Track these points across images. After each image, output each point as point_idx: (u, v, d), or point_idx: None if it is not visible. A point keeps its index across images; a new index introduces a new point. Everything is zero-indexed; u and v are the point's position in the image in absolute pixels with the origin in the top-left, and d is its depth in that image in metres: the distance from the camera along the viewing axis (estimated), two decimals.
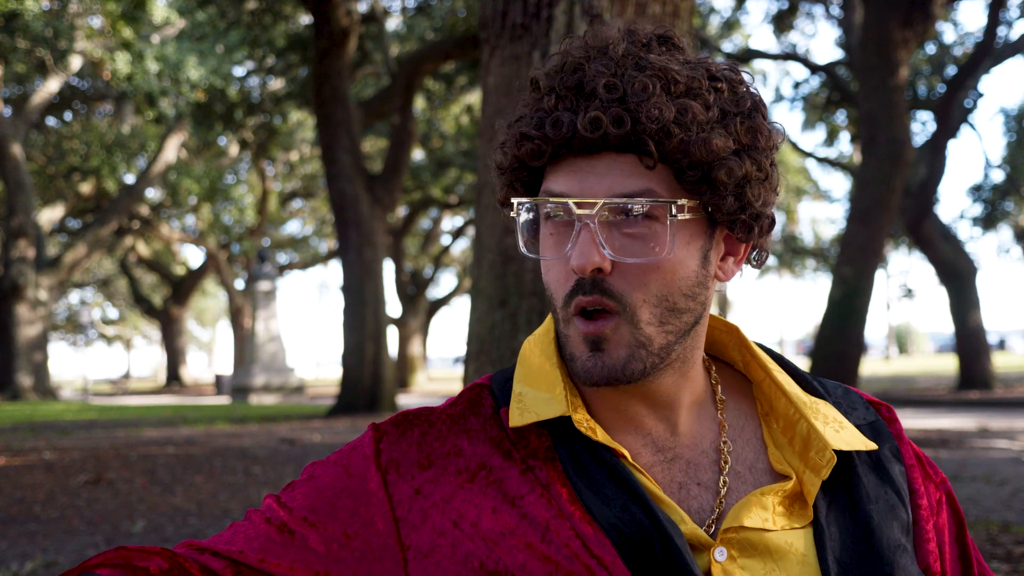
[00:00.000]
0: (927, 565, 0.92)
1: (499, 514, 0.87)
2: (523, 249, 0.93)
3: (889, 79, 13.13)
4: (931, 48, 21.22)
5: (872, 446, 0.94)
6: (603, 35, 0.90)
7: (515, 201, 0.92)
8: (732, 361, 1.02)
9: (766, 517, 0.89)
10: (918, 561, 0.92)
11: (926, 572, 0.92)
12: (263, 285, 22.12)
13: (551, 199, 0.87)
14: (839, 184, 62.71)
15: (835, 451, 0.90)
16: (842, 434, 0.93)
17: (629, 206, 0.85)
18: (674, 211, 0.85)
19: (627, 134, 0.83)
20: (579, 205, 0.85)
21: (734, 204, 0.87)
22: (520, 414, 0.92)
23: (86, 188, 27.29)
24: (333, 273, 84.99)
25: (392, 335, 26.29)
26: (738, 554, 0.87)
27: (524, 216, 0.92)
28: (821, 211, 53.52)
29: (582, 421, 0.90)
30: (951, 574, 0.97)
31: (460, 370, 25.42)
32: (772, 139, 0.90)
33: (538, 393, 0.93)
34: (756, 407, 0.99)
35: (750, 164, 0.86)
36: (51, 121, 28.44)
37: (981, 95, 19.86)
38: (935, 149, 18.31)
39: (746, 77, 0.91)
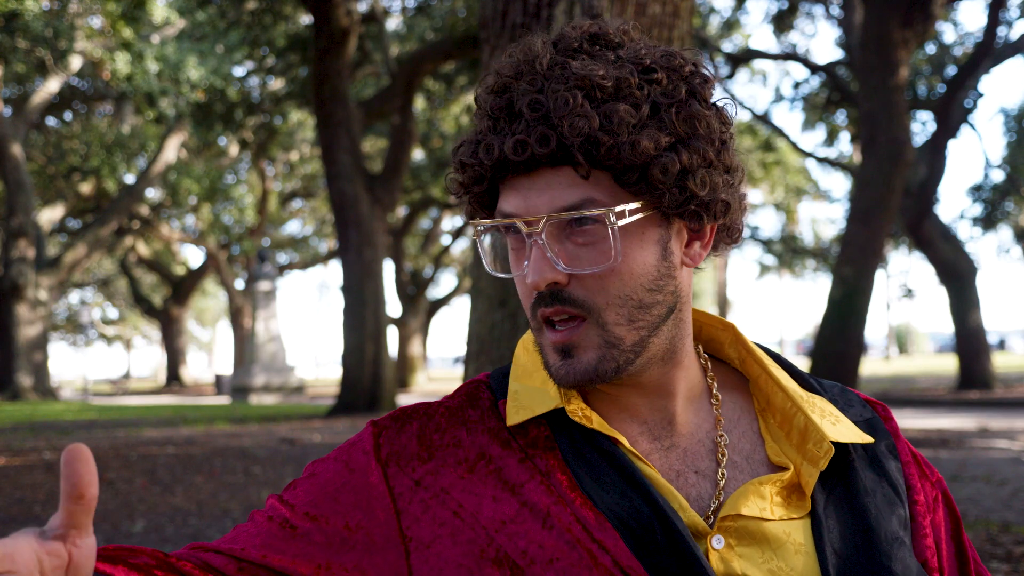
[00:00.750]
0: (924, 560, 0.93)
1: (499, 502, 0.88)
2: (488, 267, 0.95)
3: (889, 79, 13.13)
4: (931, 48, 21.22)
5: (868, 439, 0.95)
6: (532, 49, 0.90)
7: (472, 224, 0.94)
8: (728, 359, 1.03)
9: (764, 506, 0.89)
10: (915, 555, 0.93)
11: (924, 566, 0.92)
12: (263, 285, 22.12)
13: (499, 220, 0.89)
14: (839, 184, 62.70)
15: (832, 443, 0.91)
16: (839, 427, 0.94)
17: (571, 218, 0.86)
18: (613, 218, 0.85)
19: (553, 151, 0.84)
20: (526, 223, 0.87)
21: (678, 197, 0.87)
22: (516, 412, 0.93)
23: (86, 188, 27.30)
24: (333, 273, 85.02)
25: (392, 335, 26.31)
26: (736, 542, 0.88)
27: (486, 236, 0.94)
28: (821, 211, 53.49)
29: (576, 411, 0.91)
30: (948, 570, 0.97)
31: (460, 370, 25.40)
32: (713, 123, 0.89)
33: (532, 389, 0.95)
34: (752, 403, 1.00)
35: (687, 155, 0.86)
36: (51, 121, 28.45)
37: (981, 95, 19.86)
38: (935, 149, 18.31)
39: (687, 55, 0.91)
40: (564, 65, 0.87)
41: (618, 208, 0.85)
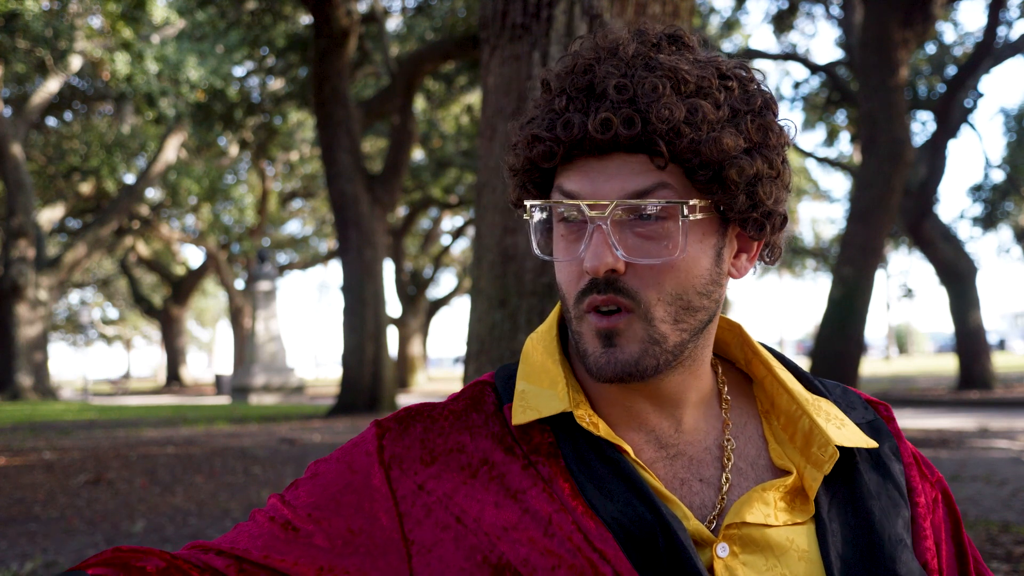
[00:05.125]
0: (924, 562, 0.93)
1: (501, 509, 0.88)
2: (537, 251, 0.93)
3: (889, 79, 13.13)
4: (931, 48, 21.22)
5: (873, 444, 0.94)
6: (613, 36, 0.90)
7: (528, 203, 0.92)
8: (734, 359, 1.03)
9: (768, 512, 0.89)
10: (916, 557, 0.92)
11: (924, 568, 0.92)
12: (263, 285, 22.12)
13: (564, 201, 0.88)
14: (839, 184, 62.72)
15: (837, 447, 0.91)
16: (843, 431, 0.93)
17: (642, 206, 0.85)
18: (686, 211, 0.85)
19: (638, 135, 0.84)
20: (591, 207, 0.85)
21: (746, 202, 0.87)
22: (522, 411, 0.92)
23: (86, 188, 27.30)
24: (333, 273, 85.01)
25: (392, 335, 26.31)
26: (740, 550, 0.87)
27: (537, 217, 0.93)
28: (821, 211, 53.54)
29: (584, 417, 0.90)
30: (947, 572, 0.97)
31: (460, 370, 25.41)
32: (783, 137, 0.90)
33: (540, 390, 0.93)
34: (756, 404, 0.99)
35: (761, 162, 0.87)
36: (51, 121, 28.44)
37: (981, 95, 19.85)
38: (935, 149, 18.31)
39: (757, 75, 0.92)
40: (649, 56, 0.87)
41: (691, 202, 0.85)
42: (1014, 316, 78.22)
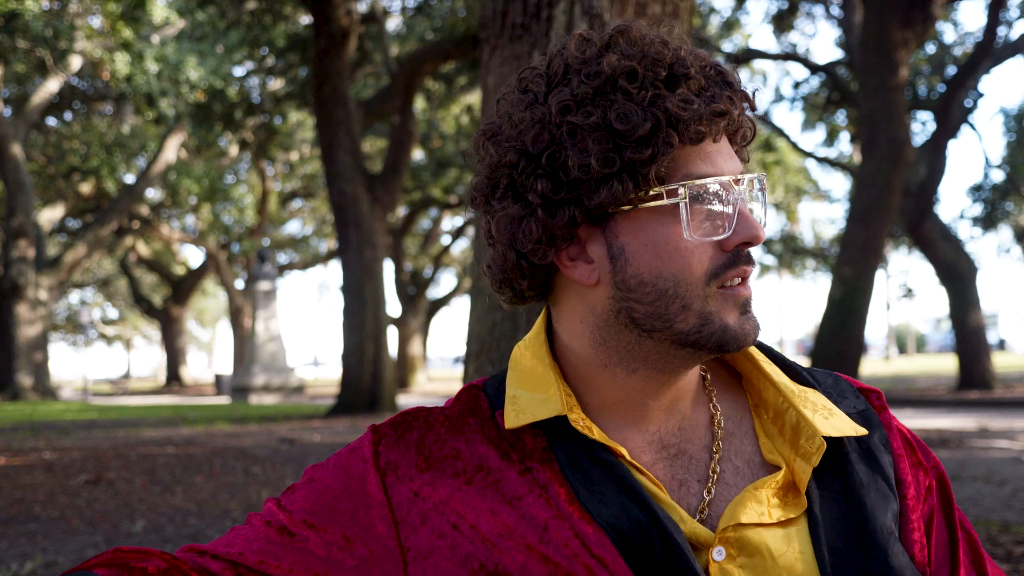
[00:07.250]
0: (912, 555, 0.92)
1: (498, 515, 0.87)
2: (690, 235, 0.86)
3: (889, 79, 13.14)
4: (931, 48, 21.22)
5: (862, 431, 0.93)
6: (663, 33, 0.91)
7: (685, 184, 0.86)
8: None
9: (761, 511, 0.88)
10: (905, 549, 0.91)
11: (911, 561, 0.91)
12: (263, 285, 22.13)
13: (721, 177, 0.87)
14: (839, 184, 62.68)
15: (826, 438, 0.90)
16: (831, 420, 0.92)
17: (758, 181, 0.91)
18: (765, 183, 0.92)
19: (745, 117, 0.91)
20: (736, 181, 0.88)
21: None
22: (516, 415, 0.92)
23: (86, 188, 27.30)
24: (333, 273, 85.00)
25: (392, 335, 26.31)
26: (737, 552, 0.87)
27: (685, 201, 0.86)
28: (821, 211, 53.54)
29: (578, 420, 0.90)
30: (935, 562, 0.95)
31: (460, 370, 25.41)
32: None
33: (532, 395, 0.93)
34: (747, 399, 0.99)
35: None
36: (51, 121, 28.44)
37: (981, 95, 19.83)
38: (935, 149, 18.30)
39: None
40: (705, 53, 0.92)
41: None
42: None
